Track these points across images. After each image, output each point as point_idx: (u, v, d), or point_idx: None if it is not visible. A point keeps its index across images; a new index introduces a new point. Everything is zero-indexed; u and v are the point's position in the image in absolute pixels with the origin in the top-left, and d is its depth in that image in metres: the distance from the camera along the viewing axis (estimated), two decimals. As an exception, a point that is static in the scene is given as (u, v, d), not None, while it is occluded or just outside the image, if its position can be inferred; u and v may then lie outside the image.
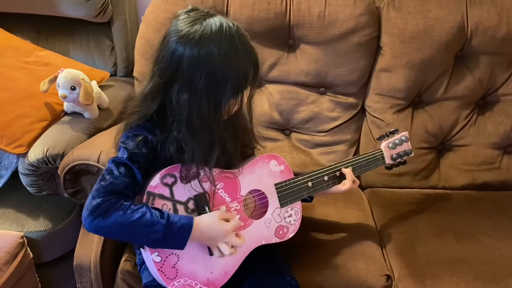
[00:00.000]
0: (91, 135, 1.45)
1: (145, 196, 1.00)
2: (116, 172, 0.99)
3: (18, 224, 1.41)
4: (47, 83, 1.44)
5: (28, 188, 1.42)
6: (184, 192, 1.04)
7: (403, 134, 1.36)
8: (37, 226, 1.41)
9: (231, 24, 0.97)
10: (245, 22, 1.61)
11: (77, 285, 1.23)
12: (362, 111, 1.71)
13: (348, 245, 1.29)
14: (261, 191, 1.16)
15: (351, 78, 1.64)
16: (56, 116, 1.50)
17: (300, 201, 1.21)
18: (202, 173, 1.05)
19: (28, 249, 1.35)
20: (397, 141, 1.34)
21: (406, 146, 1.36)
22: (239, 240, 1.03)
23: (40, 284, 1.39)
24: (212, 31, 0.94)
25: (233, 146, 1.06)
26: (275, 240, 1.16)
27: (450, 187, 1.65)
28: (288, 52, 1.67)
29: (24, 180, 1.40)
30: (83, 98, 1.42)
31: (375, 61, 1.66)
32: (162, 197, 1.02)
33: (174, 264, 1.02)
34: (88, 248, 1.21)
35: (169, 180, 1.03)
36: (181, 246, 0.99)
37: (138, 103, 1.04)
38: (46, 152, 1.35)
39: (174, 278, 1.02)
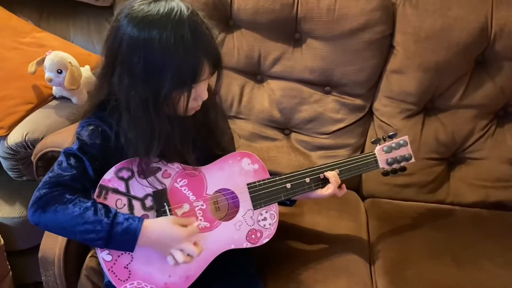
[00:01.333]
0: (75, 121, 1.38)
1: (97, 190, 0.94)
2: (65, 163, 0.93)
3: (-7, 208, 1.37)
4: (34, 65, 1.40)
5: (9, 172, 1.39)
6: (141, 187, 0.96)
7: (402, 138, 1.23)
8: (12, 212, 1.37)
9: (184, 9, 0.87)
10: (250, 12, 1.53)
11: (42, 278, 1.18)
12: (369, 114, 1.60)
13: (332, 259, 1.18)
14: (230, 190, 1.07)
15: (359, 78, 1.54)
16: (43, 99, 1.45)
17: (277, 204, 1.11)
18: (162, 168, 0.98)
19: (-1, 235, 1.31)
20: (393, 145, 1.22)
21: (405, 151, 1.23)
22: (195, 249, 0.93)
23: (11, 272, 1.34)
24: (158, 14, 0.85)
25: (184, 144, 0.97)
26: (246, 245, 1.06)
27: (459, 203, 1.50)
28: (293, 46, 1.57)
29: (4, 163, 1.37)
30: (68, 82, 1.37)
31: (387, 61, 1.54)
32: (116, 191, 0.95)
33: (127, 265, 0.94)
34: (54, 240, 1.15)
35: (125, 174, 0.95)
36: (129, 250, 0.91)
37: (92, 90, 0.97)
38: (25, 136, 1.31)
39: (127, 280, 0.94)
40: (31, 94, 1.43)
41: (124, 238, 0.89)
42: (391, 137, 1.23)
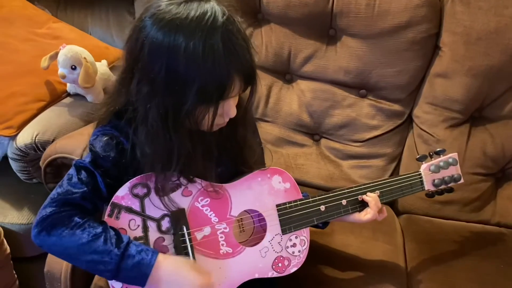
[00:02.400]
0: (89, 122, 1.29)
1: (108, 208, 0.84)
2: (75, 178, 0.83)
3: (0, 213, 1.28)
4: (47, 60, 1.30)
5: (18, 174, 1.30)
6: (158, 206, 0.86)
7: (451, 156, 1.10)
8: (20, 218, 1.28)
9: (219, 14, 0.74)
10: (281, 6, 1.42)
11: (48, 293, 1.09)
12: (409, 121, 1.47)
13: (366, 289, 1.06)
14: (258, 212, 0.95)
15: (399, 81, 1.40)
16: (56, 96, 1.36)
17: (308, 228, 0.99)
18: (182, 185, 0.87)
19: (5, 243, 1.22)
20: (441, 164, 1.08)
21: (454, 171, 1.10)
22: None
23: (18, 281, 1.26)
24: (187, 17, 0.73)
25: (207, 162, 0.85)
26: (272, 274, 0.95)
27: (506, 224, 1.36)
28: (327, 44, 1.44)
29: (13, 165, 1.28)
30: (82, 80, 1.26)
31: (431, 63, 1.41)
32: (130, 210, 0.85)
33: (138, 296, 0.84)
34: (61, 254, 1.05)
35: (141, 191, 0.85)
36: (138, 285, 0.80)
37: (109, 94, 0.86)
38: (35, 137, 1.22)
39: (136, 311, 0.84)
40: (43, 90, 1.33)
41: (134, 273, 0.79)
42: (438, 153, 1.10)
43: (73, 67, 1.27)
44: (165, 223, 0.87)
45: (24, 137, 1.22)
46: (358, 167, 1.45)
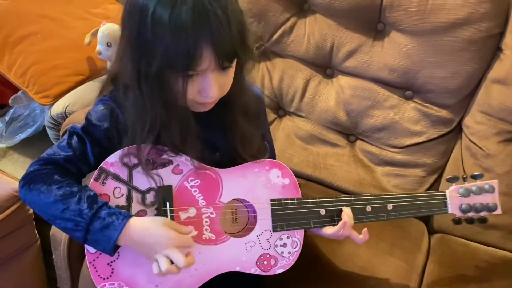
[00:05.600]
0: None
1: (96, 172, 0.84)
2: (64, 142, 0.85)
3: (30, 176, 1.37)
4: (89, 36, 1.36)
5: (53, 142, 1.38)
6: (146, 179, 0.85)
7: (489, 182, 0.96)
8: (46, 182, 1.35)
9: None
10: (327, -4, 1.32)
11: (53, 256, 1.14)
12: (457, 131, 1.31)
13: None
14: (249, 203, 0.90)
15: (450, 84, 1.26)
16: (95, 72, 1.42)
17: (302, 230, 0.92)
18: (174, 162, 0.85)
19: (29, 204, 1.29)
20: (474, 188, 0.95)
21: (490, 199, 0.96)
22: (183, 258, 0.78)
23: (40, 240, 1.33)
24: None
25: (186, 137, 0.82)
26: (255, 270, 0.89)
27: (562, 262, 1.15)
28: (373, 39, 1.33)
29: (49, 132, 1.37)
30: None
31: (489, 67, 1.24)
32: (117, 178, 0.84)
33: (111, 262, 0.84)
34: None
35: (131, 161, 0.84)
36: (107, 251, 0.79)
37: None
38: (66, 108, 1.28)
39: (107, 278, 0.83)
40: (84, 65, 1.40)
41: (101, 236, 0.78)
42: (474, 177, 0.97)
43: (109, 44, 1.32)
44: (150, 197, 0.85)
45: (58, 107, 1.30)
46: (393, 175, 1.32)
